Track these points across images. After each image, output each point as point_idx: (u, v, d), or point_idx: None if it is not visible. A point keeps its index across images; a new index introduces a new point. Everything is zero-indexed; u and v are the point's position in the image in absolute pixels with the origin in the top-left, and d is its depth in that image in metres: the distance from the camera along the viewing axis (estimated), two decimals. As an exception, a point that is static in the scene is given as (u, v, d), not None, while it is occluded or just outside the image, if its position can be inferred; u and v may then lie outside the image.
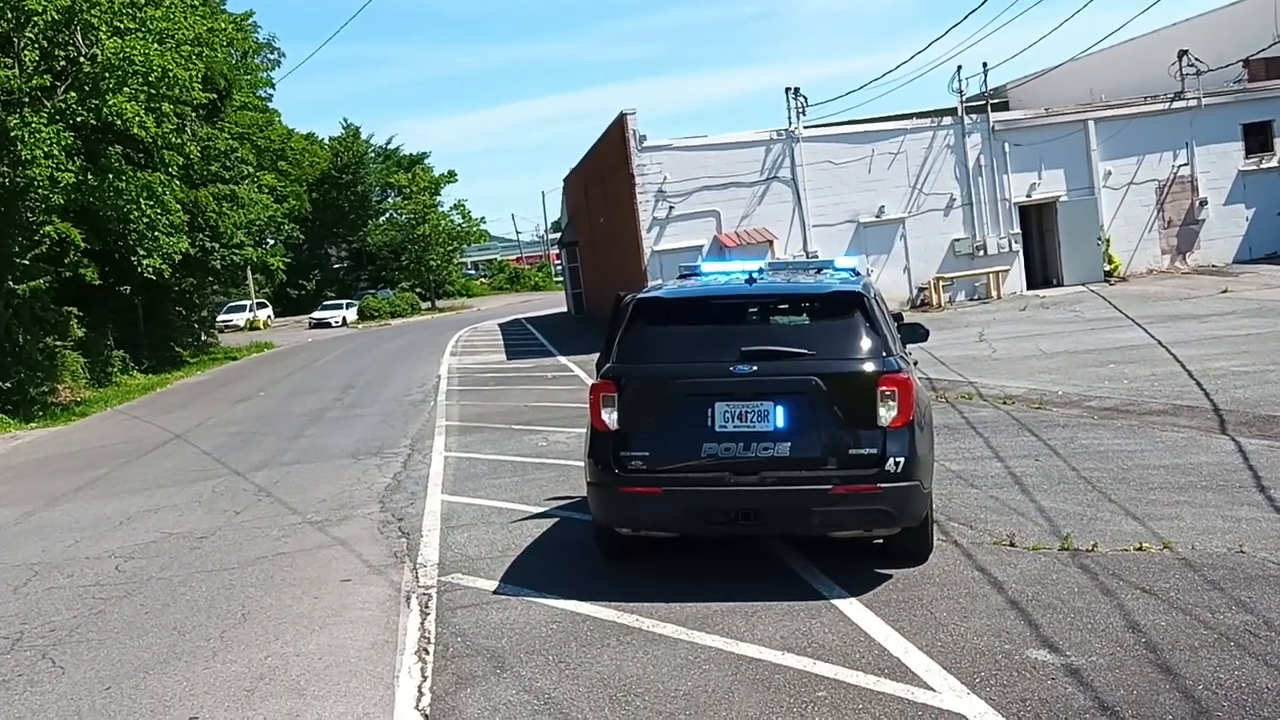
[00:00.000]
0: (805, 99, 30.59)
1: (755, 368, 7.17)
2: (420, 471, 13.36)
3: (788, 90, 30.58)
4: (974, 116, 31.28)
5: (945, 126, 31.09)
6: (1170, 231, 32.04)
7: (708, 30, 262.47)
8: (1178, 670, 5.51)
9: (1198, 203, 31.82)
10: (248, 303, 65.80)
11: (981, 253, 31.07)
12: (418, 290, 74.11)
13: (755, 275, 8.00)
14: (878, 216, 30.58)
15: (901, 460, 7.00)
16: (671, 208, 29.67)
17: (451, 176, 78.05)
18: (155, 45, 26.77)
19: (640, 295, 7.88)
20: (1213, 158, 31.71)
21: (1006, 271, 31.17)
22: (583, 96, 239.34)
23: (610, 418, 7.42)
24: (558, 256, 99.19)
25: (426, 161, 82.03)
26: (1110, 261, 31.52)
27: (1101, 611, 6.45)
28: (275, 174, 50.79)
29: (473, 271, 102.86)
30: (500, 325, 46.60)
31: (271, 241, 51.22)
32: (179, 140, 30.43)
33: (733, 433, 7.14)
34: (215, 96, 34.71)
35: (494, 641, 6.76)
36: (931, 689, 5.51)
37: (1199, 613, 6.32)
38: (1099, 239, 31.38)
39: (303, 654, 6.92)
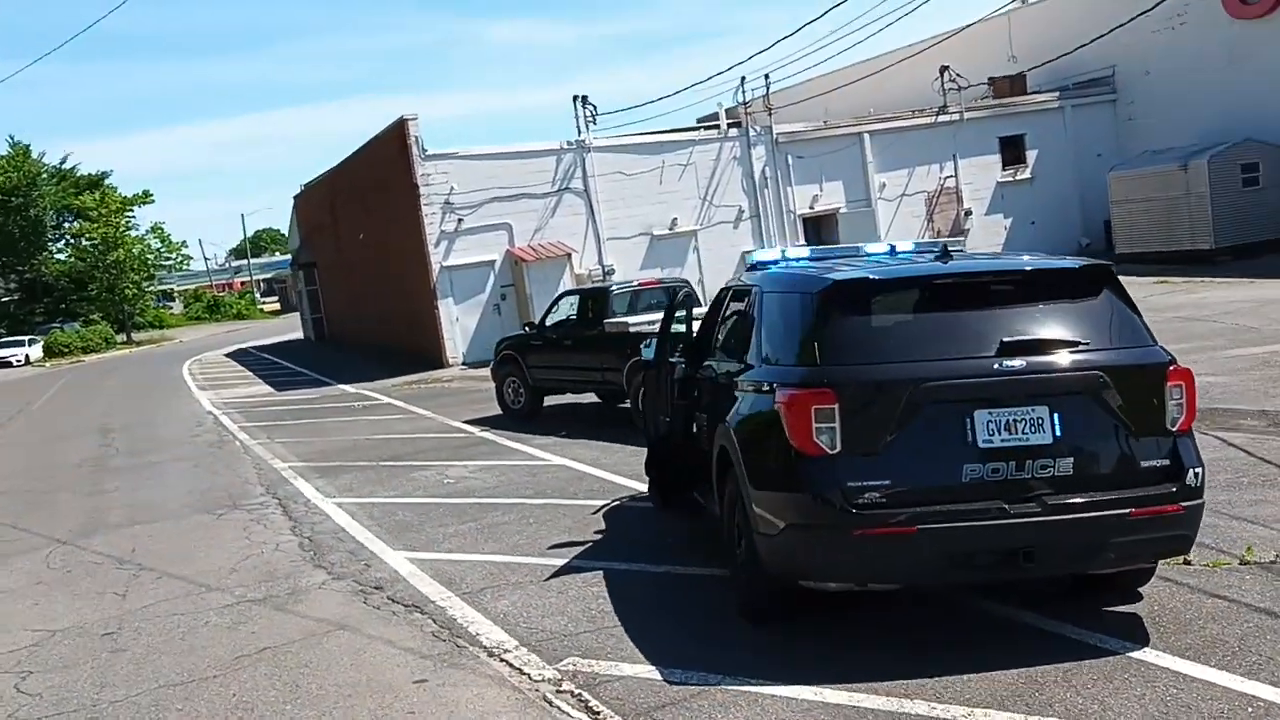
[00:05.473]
0: (595, 108, 29.29)
1: (1023, 363, 5.63)
2: (324, 525, 10.82)
3: (576, 99, 29.22)
4: (758, 128, 31.02)
5: (731, 138, 30.62)
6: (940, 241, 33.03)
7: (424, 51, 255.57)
8: None
9: (963, 213, 33.01)
10: (-100, 344, 56.73)
11: (771, 264, 30.73)
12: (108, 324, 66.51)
13: (946, 253, 6.46)
14: (671, 229, 29.62)
15: (1199, 471, 5.69)
16: (460, 220, 27.47)
17: (147, 197, 70.36)
18: None
19: (838, 278, 6.07)
20: (975, 170, 32.98)
21: (797, 282, 31.00)
22: (268, 118, 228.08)
23: (829, 438, 5.61)
24: (245, 284, 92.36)
25: (108, 182, 74.09)
26: (888, 271, 32.09)
27: None
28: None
29: (158, 302, 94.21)
30: (228, 356, 42.28)
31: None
32: None
33: (1001, 448, 5.55)
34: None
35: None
36: None
37: None
38: (877, 249, 31.87)
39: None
